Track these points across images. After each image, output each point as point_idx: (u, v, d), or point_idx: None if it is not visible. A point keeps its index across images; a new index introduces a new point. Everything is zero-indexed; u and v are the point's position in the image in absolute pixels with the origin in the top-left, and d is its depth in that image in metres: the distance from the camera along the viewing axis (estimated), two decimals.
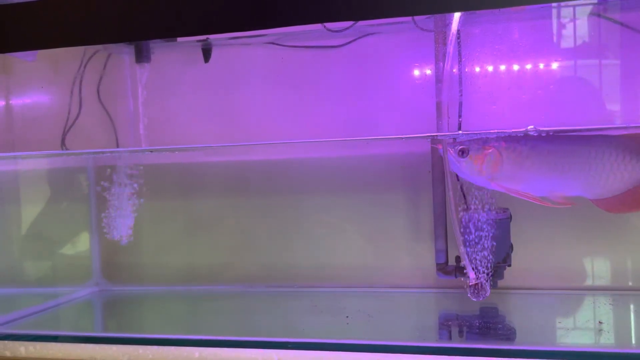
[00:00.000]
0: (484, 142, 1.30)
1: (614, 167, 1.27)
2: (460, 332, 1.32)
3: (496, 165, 1.29)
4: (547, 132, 1.27)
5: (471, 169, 1.30)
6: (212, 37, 1.60)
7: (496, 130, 1.30)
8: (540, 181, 1.30)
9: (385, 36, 1.55)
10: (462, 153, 1.30)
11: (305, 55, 1.61)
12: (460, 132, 1.41)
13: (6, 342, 1.34)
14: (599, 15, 1.37)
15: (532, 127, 1.26)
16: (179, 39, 1.61)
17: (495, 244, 1.36)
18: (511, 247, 1.41)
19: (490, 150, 1.29)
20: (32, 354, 1.32)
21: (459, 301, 1.51)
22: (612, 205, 1.30)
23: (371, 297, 1.60)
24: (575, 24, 1.36)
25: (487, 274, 1.36)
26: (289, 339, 1.25)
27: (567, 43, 1.37)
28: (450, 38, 1.33)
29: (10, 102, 1.63)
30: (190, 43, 1.64)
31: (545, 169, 1.28)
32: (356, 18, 1.23)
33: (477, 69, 1.40)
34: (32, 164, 1.73)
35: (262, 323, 1.44)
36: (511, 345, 1.22)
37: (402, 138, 1.55)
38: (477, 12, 1.31)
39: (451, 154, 1.31)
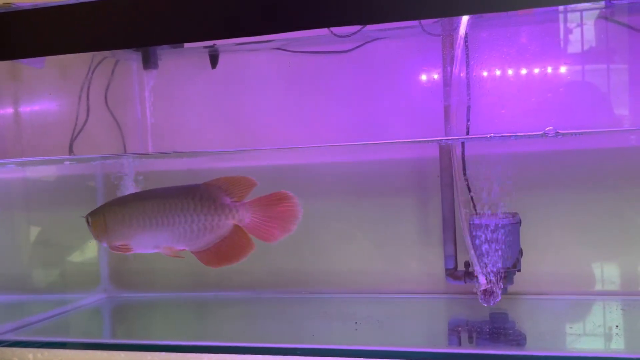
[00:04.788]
0: (102, 207, 1.30)
1: (196, 218, 1.24)
2: (470, 338, 1.31)
3: (104, 229, 1.28)
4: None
5: (96, 234, 1.29)
6: (219, 43, 1.60)
7: (504, 134, 1.29)
8: (146, 237, 1.27)
9: (393, 41, 1.55)
10: (87, 221, 1.29)
11: (312, 60, 1.60)
12: (468, 136, 1.41)
13: (14, 349, 1.34)
14: (606, 19, 1.36)
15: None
16: (186, 45, 1.62)
17: (504, 249, 1.35)
18: (521, 252, 1.40)
19: (96, 218, 1.28)
20: None
21: (469, 307, 1.50)
22: (209, 258, 1.27)
23: (380, 302, 1.60)
24: (583, 27, 1.35)
25: (497, 279, 1.35)
26: (298, 345, 1.25)
27: (575, 46, 1.36)
28: (458, 42, 1.33)
29: (19, 109, 1.64)
30: (197, 49, 1.64)
31: (146, 225, 1.26)
32: (363, 22, 1.23)
33: (486, 73, 1.39)
34: (41, 171, 1.73)
35: (271, 329, 1.44)
36: (522, 351, 1.21)
37: (409, 142, 1.55)
38: (485, 15, 1.31)
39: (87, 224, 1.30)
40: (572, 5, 1.32)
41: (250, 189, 1.26)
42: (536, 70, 1.40)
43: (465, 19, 1.32)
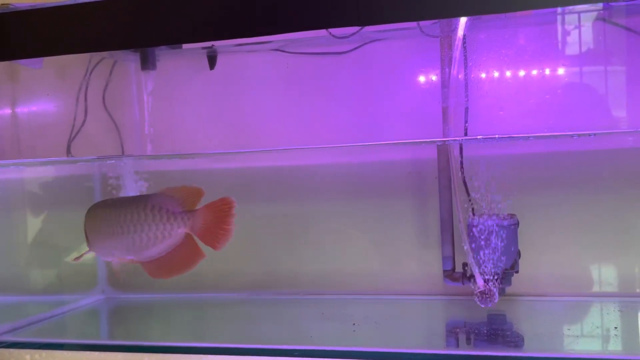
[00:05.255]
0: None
1: (146, 227, 1.25)
2: (468, 339, 1.31)
3: (85, 236, 1.32)
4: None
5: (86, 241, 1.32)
6: (217, 44, 1.60)
7: (500, 136, 1.30)
8: (108, 245, 1.29)
9: (391, 42, 1.55)
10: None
11: (311, 61, 1.60)
12: (466, 137, 1.41)
13: (12, 350, 1.34)
14: (604, 20, 1.36)
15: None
16: (185, 46, 1.61)
17: (502, 250, 1.35)
18: (519, 253, 1.40)
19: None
20: None
21: (467, 308, 1.50)
22: (154, 269, 1.27)
23: (378, 304, 1.60)
24: (581, 29, 1.35)
25: (495, 281, 1.35)
26: (296, 346, 1.25)
27: (573, 47, 1.36)
28: (456, 43, 1.33)
29: (17, 109, 1.64)
30: (195, 50, 1.64)
31: (110, 233, 1.28)
32: (362, 23, 1.22)
33: (484, 75, 1.39)
34: (38, 171, 1.73)
35: (269, 330, 1.44)
36: (519, 352, 1.21)
37: (407, 143, 1.55)
38: (483, 17, 1.31)
39: None
40: (570, 7, 1.32)
41: (199, 198, 1.28)
42: (534, 72, 1.40)
43: (463, 20, 1.31)
